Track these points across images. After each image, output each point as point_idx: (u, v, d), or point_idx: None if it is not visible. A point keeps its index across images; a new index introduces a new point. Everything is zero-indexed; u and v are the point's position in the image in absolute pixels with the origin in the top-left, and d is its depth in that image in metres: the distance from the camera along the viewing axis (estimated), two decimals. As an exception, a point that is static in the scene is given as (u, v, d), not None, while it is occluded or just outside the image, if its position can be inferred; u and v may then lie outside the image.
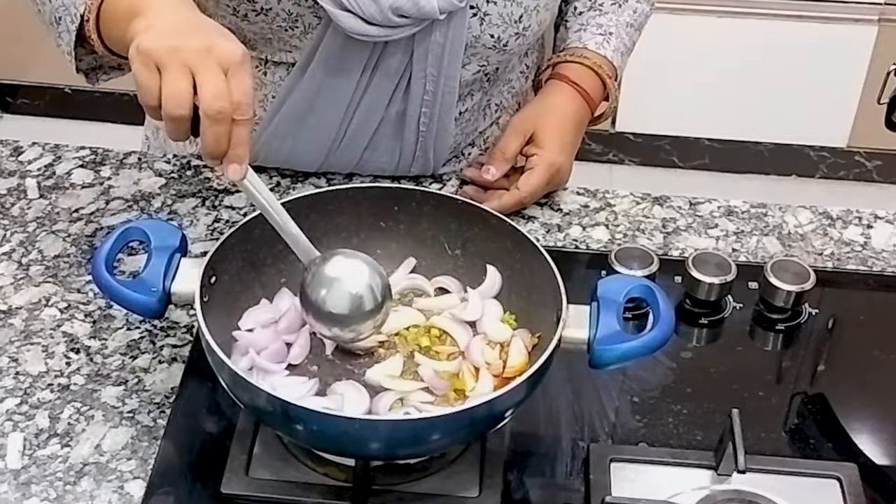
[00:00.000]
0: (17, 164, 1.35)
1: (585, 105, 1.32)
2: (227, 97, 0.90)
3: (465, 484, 0.98)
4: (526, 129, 1.29)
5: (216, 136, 0.91)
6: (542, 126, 1.29)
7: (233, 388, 0.94)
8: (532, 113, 1.31)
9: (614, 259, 1.17)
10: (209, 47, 0.91)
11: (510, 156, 1.27)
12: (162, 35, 0.93)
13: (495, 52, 1.24)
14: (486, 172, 1.27)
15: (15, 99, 3.14)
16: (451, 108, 1.28)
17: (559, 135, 1.29)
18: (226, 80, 0.91)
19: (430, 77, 1.23)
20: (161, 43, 0.92)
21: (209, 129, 0.91)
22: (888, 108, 1.53)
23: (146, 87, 0.92)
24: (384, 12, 1.13)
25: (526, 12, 1.22)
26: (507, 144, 1.28)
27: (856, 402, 1.12)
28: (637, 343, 0.96)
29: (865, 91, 2.77)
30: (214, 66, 0.91)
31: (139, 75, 0.92)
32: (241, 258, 1.04)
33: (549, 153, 1.27)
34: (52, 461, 1.00)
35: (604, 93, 1.34)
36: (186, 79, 0.90)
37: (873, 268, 1.26)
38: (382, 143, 1.30)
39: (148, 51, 0.92)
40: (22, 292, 1.17)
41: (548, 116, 1.30)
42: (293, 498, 0.96)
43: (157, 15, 0.96)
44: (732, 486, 0.99)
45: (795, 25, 2.73)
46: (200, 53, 0.91)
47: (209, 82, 0.90)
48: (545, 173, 1.26)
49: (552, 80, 1.33)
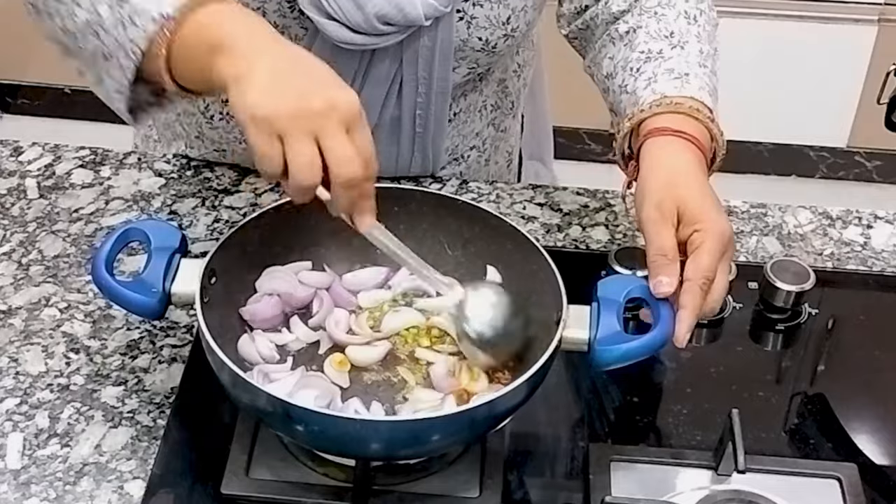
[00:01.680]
0: (17, 164, 1.35)
1: (698, 150, 1.08)
2: (357, 160, 0.88)
3: (465, 484, 0.98)
4: (667, 214, 1.02)
5: (350, 199, 0.90)
6: (682, 198, 1.02)
7: (232, 389, 0.94)
8: (657, 193, 1.03)
9: (614, 259, 1.17)
10: (331, 107, 0.87)
11: (672, 253, 1.00)
12: (271, 93, 0.87)
13: (484, 55, 1.23)
14: (658, 286, 0.98)
15: (15, 99, 3.14)
16: (445, 110, 1.27)
17: (703, 195, 1.03)
18: (351, 142, 0.88)
19: (422, 81, 1.22)
20: (279, 108, 0.87)
21: (342, 195, 0.89)
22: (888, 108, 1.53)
23: (269, 158, 0.87)
24: (369, 20, 1.12)
25: (514, 13, 1.20)
26: (661, 244, 1.00)
27: (856, 402, 1.12)
28: (637, 343, 0.96)
29: (865, 91, 2.77)
30: (339, 129, 0.87)
31: (258, 145, 0.87)
32: (241, 258, 1.04)
33: (709, 222, 1.01)
34: (52, 461, 1.00)
35: (708, 136, 1.10)
36: (312, 146, 0.87)
37: (873, 268, 1.26)
38: (379, 148, 1.28)
39: (265, 119, 0.86)
40: (22, 292, 1.17)
41: (679, 183, 1.04)
42: (293, 498, 0.96)
43: (252, 54, 0.90)
44: (732, 486, 0.99)
45: (795, 25, 2.73)
46: (323, 117, 0.87)
47: (337, 148, 0.87)
48: (715, 247, 0.99)
49: (646, 143, 1.08)
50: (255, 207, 1.29)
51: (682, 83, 1.12)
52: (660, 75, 1.13)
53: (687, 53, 1.15)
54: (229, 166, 1.34)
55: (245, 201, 1.30)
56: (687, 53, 1.15)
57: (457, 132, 1.33)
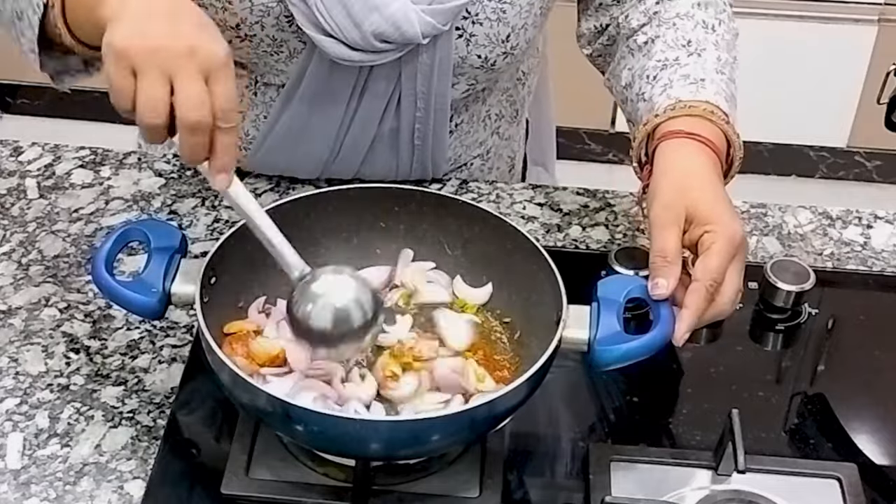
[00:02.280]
0: (17, 164, 1.35)
1: (713, 153, 1.07)
2: (207, 106, 0.86)
3: (465, 484, 0.98)
4: (674, 216, 1.01)
5: (192, 147, 0.88)
6: (693, 200, 1.02)
7: (232, 389, 0.94)
8: (667, 194, 1.03)
9: (614, 259, 1.17)
10: (191, 50, 0.86)
11: (672, 256, 1.00)
12: (138, 30, 0.86)
13: (483, 72, 1.22)
14: (654, 288, 0.99)
15: (15, 99, 3.14)
16: (445, 125, 1.26)
17: (716, 197, 1.03)
18: (206, 88, 0.86)
19: (421, 96, 1.21)
20: (138, 42, 0.86)
21: (186, 140, 0.87)
22: (888, 108, 1.53)
23: (120, 91, 0.87)
24: (366, 38, 1.11)
25: (513, 32, 1.18)
26: (663, 245, 1.00)
27: (856, 402, 1.12)
28: (637, 343, 0.96)
29: (865, 91, 2.77)
30: (195, 73, 0.85)
31: (112, 77, 0.87)
32: (241, 258, 1.04)
33: (721, 224, 1.00)
34: (52, 461, 1.00)
35: (723, 139, 1.10)
36: (164, 85, 0.85)
37: (873, 268, 1.26)
38: (379, 158, 1.28)
39: (123, 51, 0.86)
40: (22, 292, 1.17)
41: (692, 186, 1.03)
42: (293, 498, 0.96)
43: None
44: (732, 486, 0.99)
45: (795, 25, 2.73)
46: (181, 58, 0.85)
47: (188, 91, 0.85)
48: (725, 249, 0.99)
49: (660, 146, 1.08)
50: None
51: (698, 88, 1.11)
52: (675, 81, 1.12)
53: (704, 60, 1.15)
54: None
55: (245, 201, 1.30)
56: (704, 60, 1.15)
57: (459, 142, 1.32)
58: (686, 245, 1.01)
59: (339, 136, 1.25)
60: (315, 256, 1.08)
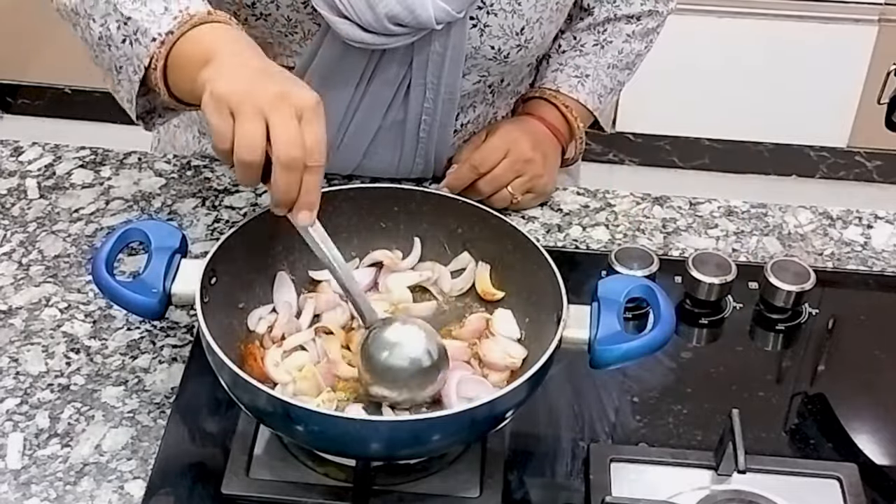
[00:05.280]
0: (17, 164, 1.35)
1: (555, 140, 1.32)
2: (301, 144, 0.89)
3: (465, 484, 0.98)
4: (504, 145, 1.28)
5: (288, 184, 0.90)
6: (513, 140, 1.29)
7: (233, 389, 0.94)
8: (506, 135, 1.29)
9: (614, 259, 1.17)
10: (284, 93, 0.90)
11: (485, 170, 1.26)
12: (235, 79, 0.92)
13: (496, 64, 1.23)
14: (450, 173, 1.28)
15: (15, 99, 3.14)
16: (451, 118, 1.27)
17: (528, 139, 1.29)
18: (299, 127, 0.90)
19: (430, 86, 1.22)
20: (235, 87, 0.91)
21: (281, 177, 0.90)
22: (888, 108, 1.53)
23: (219, 132, 0.91)
24: (380, 20, 1.13)
25: (528, 24, 1.20)
26: (484, 160, 1.27)
27: (856, 402, 1.12)
28: (637, 343, 0.96)
29: (865, 91, 2.77)
30: (288, 112, 0.90)
31: (212, 120, 0.91)
32: (241, 258, 1.04)
33: (513, 144, 1.28)
34: (52, 461, 1.00)
35: (572, 135, 1.34)
36: (260, 124, 0.89)
37: (873, 268, 1.26)
38: (381, 151, 1.29)
39: (221, 96, 0.91)
40: (22, 292, 1.17)
41: (520, 135, 1.30)
42: (293, 498, 0.96)
43: (229, 61, 0.95)
44: (732, 486, 0.99)
45: (795, 25, 2.73)
46: (274, 99, 0.90)
47: (283, 128, 0.89)
48: (497, 145, 1.27)
49: (523, 115, 1.34)
50: (255, 207, 1.29)
51: (579, 83, 1.33)
52: (566, 68, 1.34)
53: (604, 53, 1.34)
54: (230, 166, 1.34)
55: (245, 201, 1.30)
56: (604, 53, 1.34)
57: (463, 143, 1.33)
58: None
59: (344, 122, 1.25)
60: (314, 256, 1.09)
